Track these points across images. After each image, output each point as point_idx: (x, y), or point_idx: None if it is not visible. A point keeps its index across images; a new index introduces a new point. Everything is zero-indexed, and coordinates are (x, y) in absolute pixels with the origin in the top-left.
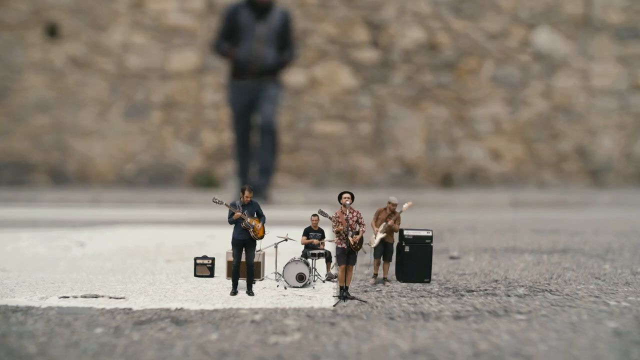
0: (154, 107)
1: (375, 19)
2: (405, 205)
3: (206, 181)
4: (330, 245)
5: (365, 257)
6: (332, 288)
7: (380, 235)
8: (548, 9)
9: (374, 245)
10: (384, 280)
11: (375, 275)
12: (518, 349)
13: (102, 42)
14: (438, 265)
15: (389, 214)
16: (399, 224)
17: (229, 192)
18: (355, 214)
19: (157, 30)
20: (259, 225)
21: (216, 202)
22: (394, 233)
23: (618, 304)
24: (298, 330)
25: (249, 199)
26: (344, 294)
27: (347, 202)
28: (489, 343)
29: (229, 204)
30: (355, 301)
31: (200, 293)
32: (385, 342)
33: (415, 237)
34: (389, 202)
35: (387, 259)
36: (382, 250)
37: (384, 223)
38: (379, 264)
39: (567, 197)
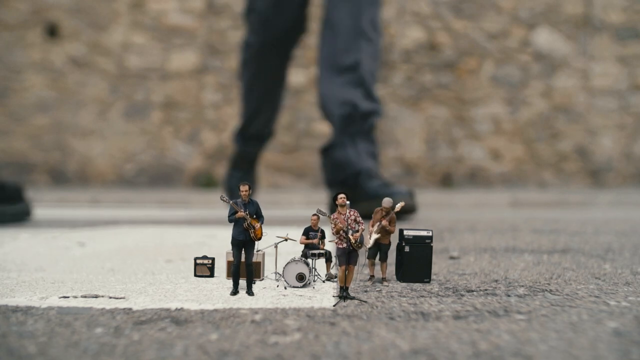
0: (154, 107)
1: None
2: (397, 206)
3: (206, 181)
4: (330, 245)
5: (364, 257)
6: (332, 288)
7: (375, 236)
8: (548, 9)
9: (369, 245)
10: (383, 279)
11: (372, 276)
12: (518, 349)
13: (102, 42)
14: (438, 265)
15: (384, 214)
16: (395, 226)
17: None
18: (352, 213)
19: (157, 30)
20: (258, 225)
21: (223, 201)
22: (390, 235)
23: (618, 304)
24: (298, 330)
25: (246, 196)
26: (344, 294)
27: (345, 203)
28: (489, 343)
29: (231, 202)
30: (355, 301)
31: (200, 293)
32: (385, 342)
33: (415, 237)
34: (383, 206)
35: (382, 259)
36: (376, 251)
37: (378, 223)
38: (373, 264)
39: (567, 197)
